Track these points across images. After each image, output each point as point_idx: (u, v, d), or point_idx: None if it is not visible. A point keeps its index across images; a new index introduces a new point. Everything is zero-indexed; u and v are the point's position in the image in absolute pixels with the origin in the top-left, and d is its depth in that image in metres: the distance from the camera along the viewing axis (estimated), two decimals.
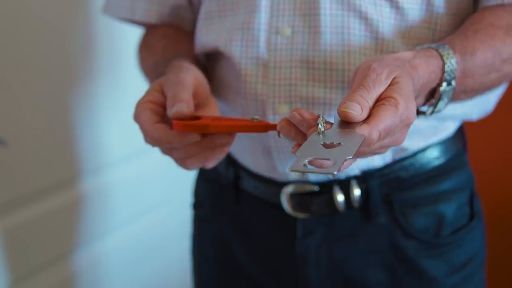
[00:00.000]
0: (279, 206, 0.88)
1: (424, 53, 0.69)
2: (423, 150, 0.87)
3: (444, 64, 0.69)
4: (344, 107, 0.58)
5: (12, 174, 1.20)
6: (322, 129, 0.58)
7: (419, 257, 0.87)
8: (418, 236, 0.87)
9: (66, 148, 1.31)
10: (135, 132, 1.42)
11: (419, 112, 0.74)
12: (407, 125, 0.62)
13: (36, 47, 1.19)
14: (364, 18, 0.78)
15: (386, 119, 0.58)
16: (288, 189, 0.87)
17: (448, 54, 0.70)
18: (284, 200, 0.87)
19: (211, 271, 1.03)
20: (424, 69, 0.67)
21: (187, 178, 1.27)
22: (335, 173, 0.52)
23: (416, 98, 0.68)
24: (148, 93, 0.74)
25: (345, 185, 0.85)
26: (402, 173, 0.85)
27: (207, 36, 0.87)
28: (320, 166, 0.55)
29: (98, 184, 1.40)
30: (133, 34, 1.07)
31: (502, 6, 0.78)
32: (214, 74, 0.91)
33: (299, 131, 0.62)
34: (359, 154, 0.62)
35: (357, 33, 0.78)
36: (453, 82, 0.71)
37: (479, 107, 0.89)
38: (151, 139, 0.72)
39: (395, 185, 0.86)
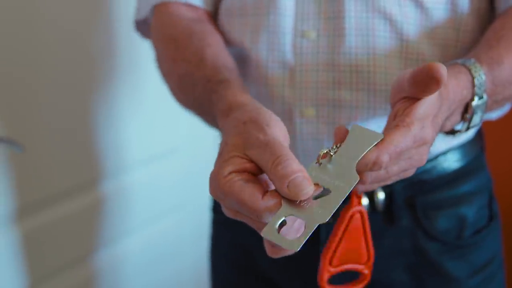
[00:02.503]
0: None
1: (452, 69, 0.68)
2: (444, 153, 0.87)
3: (473, 78, 0.69)
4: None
5: (33, 177, 1.20)
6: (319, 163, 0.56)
7: (442, 259, 0.88)
8: (441, 237, 0.87)
9: (86, 151, 1.32)
10: (154, 136, 1.44)
11: (455, 132, 0.74)
12: (423, 144, 0.60)
13: (55, 50, 1.19)
14: (388, 19, 0.78)
15: (397, 141, 0.57)
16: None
17: (476, 67, 0.69)
18: None
19: (230, 274, 1.03)
20: (455, 86, 0.66)
21: (204, 182, 1.27)
22: (298, 248, 0.49)
23: (450, 116, 0.68)
24: (227, 162, 0.57)
25: None
26: (425, 176, 0.85)
27: (229, 33, 0.86)
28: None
29: (117, 187, 1.41)
30: None
31: None
32: None
33: None
34: (378, 181, 0.61)
35: (382, 35, 0.78)
36: (485, 96, 0.70)
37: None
38: (267, 215, 0.54)
39: (418, 188, 0.86)
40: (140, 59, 1.28)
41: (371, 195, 0.85)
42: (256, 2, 0.83)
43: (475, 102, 0.69)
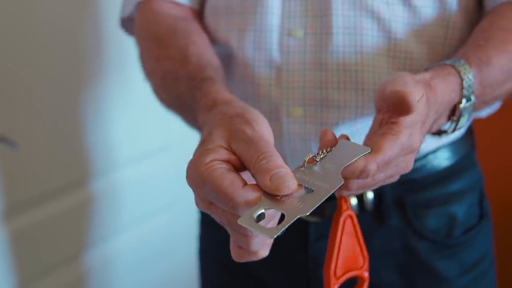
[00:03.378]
0: None
1: (442, 71, 0.67)
2: (434, 151, 0.86)
3: (462, 80, 0.68)
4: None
5: (22, 176, 1.20)
6: (305, 165, 0.56)
7: (432, 258, 0.87)
8: (430, 236, 0.87)
9: (76, 149, 1.31)
10: (145, 133, 1.44)
11: (441, 132, 0.73)
12: (411, 152, 0.60)
13: (44, 49, 1.19)
14: (376, 18, 0.77)
15: (385, 150, 0.56)
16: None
17: (465, 69, 0.68)
18: None
19: (218, 274, 1.03)
20: (444, 89, 0.66)
21: None
22: (274, 237, 0.48)
23: (438, 119, 0.67)
24: (210, 150, 0.55)
25: None
26: (414, 174, 0.85)
27: (215, 32, 0.85)
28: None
29: (107, 185, 1.40)
30: None
31: (509, 4, 0.77)
32: None
33: None
34: (363, 187, 0.60)
35: (369, 34, 0.78)
36: (472, 98, 0.69)
37: None
38: (244, 207, 0.52)
39: (407, 186, 0.85)
40: (130, 56, 1.27)
41: (360, 195, 0.84)
42: (243, 1, 0.82)
43: (463, 104, 0.69)
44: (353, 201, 0.84)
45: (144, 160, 1.48)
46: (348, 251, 0.64)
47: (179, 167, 1.57)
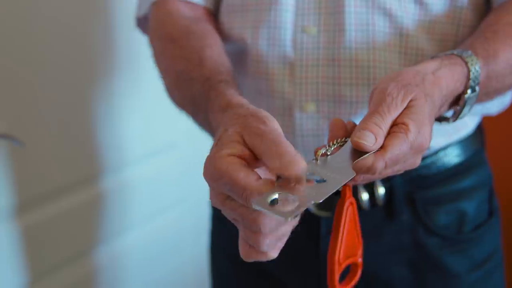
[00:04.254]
0: None
1: (448, 61, 0.68)
2: (444, 148, 0.87)
3: (469, 71, 0.68)
4: (357, 137, 0.56)
5: (33, 173, 1.20)
6: (317, 158, 0.57)
7: (442, 254, 0.88)
8: (440, 232, 0.87)
9: (86, 146, 1.32)
10: (154, 131, 1.44)
11: (442, 119, 0.73)
12: (420, 151, 0.60)
13: (55, 47, 1.19)
14: (388, 14, 0.78)
15: (394, 148, 0.57)
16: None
17: (472, 60, 0.68)
18: None
19: (229, 268, 1.03)
20: (449, 79, 0.66)
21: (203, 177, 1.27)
22: (289, 219, 0.49)
23: (440, 107, 0.67)
24: (226, 144, 0.57)
25: (369, 184, 0.85)
26: (425, 171, 0.86)
27: (230, 29, 0.86)
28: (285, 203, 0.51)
29: (117, 182, 1.41)
30: None
31: None
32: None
33: None
34: (369, 179, 0.62)
35: (381, 30, 0.78)
36: (477, 88, 0.70)
37: (497, 101, 0.90)
38: (257, 195, 0.53)
39: (418, 183, 0.86)
40: (140, 55, 1.28)
41: (371, 190, 0.85)
42: None
43: (468, 94, 0.69)
44: (365, 196, 0.85)
45: (154, 158, 1.49)
46: (349, 238, 0.65)
47: (188, 164, 1.59)
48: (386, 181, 0.85)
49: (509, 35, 0.74)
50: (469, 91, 0.69)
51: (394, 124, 0.59)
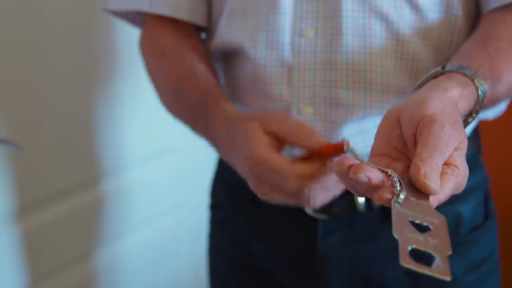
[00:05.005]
0: (299, 207, 0.89)
1: (467, 90, 0.65)
2: None
3: (478, 97, 0.67)
4: (425, 178, 0.52)
5: (32, 176, 1.21)
6: (401, 197, 0.53)
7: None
8: None
9: (85, 150, 1.32)
10: (153, 134, 1.45)
11: None
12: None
13: (54, 49, 1.20)
14: (385, 19, 0.79)
15: (448, 191, 0.55)
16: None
17: (482, 85, 0.67)
18: None
19: (228, 271, 1.04)
20: (466, 108, 0.66)
21: (203, 180, 1.28)
22: (449, 279, 0.48)
23: None
24: (255, 137, 0.69)
25: None
26: None
27: (229, 34, 0.87)
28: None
29: (116, 186, 1.41)
30: None
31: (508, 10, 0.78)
32: (227, 74, 0.91)
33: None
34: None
35: (378, 35, 0.79)
36: (480, 110, 0.69)
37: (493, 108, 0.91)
38: (293, 180, 0.66)
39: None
40: (139, 59, 1.28)
41: None
42: (257, 2, 0.84)
43: (472, 118, 0.69)
44: (361, 199, 0.85)
45: (153, 161, 1.49)
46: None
47: (187, 168, 1.60)
48: None
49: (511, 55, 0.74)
50: (474, 114, 0.68)
51: (445, 163, 0.56)
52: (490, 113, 0.91)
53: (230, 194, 1.01)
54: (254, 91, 0.86)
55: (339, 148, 0.65)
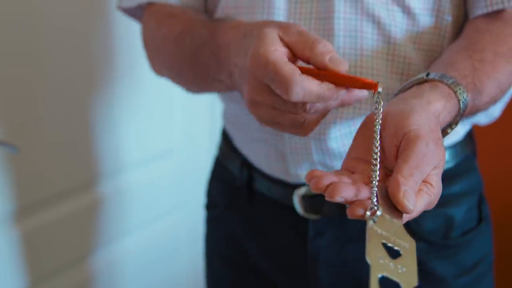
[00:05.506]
0: (291, 207, 0.90)
1: (449, 103, 0.65)
2: None
3: (459, 109, 0.67)
4: (404, 197, 0.53)
5: (30, 178, 1.21)
6: (377, 214, 0.53)
7: (428, 259, 0.89)
8: (427, 237, 0.88)
9: (83, 152, 1.33)
10: (151, 137, 1.46)
11: None
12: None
13: (52, 51, 1.20)
14: (377, 22, 0.80)
15: (420, 209, 0.55)
16: (300, 191, 0.88)
17: (464, 98, 0.67)
18: (296, 201, 0.89)
19: (223, 270, 1.05)
20: (447, 122, 0.66)
21: (200, 183, 1.28)
22: None
23: None
24: (269, 40, 0.62)
25: None
26: None
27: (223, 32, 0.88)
28: None
29: (114, 188, 1.42)
30: None
31: (498, 13, 0.78)
32: None
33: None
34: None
35: (369, 37, 0.80)
36: (459, 122, 0.69)
37: (486, 114, 0.91)
38: (298, 90, 0.58)
39: None
40: (138, 60, 1.29)
41: None
42: (251, 2, 0.85)
43: (451, 129, 0.69)
44: None
45: (151, 163, 1.50)
46: None
47: (185, 170, 1.60)
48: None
49: (495, 67, 0.74)
50: (454, 125, 0.69)
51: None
52: (483, 120, 0.92)
53: (225, 193, 1.01)
54: None
55: (368, 87, 0.59)
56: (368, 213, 0.53)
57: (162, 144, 1.53)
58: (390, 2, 0.80)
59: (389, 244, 0.52)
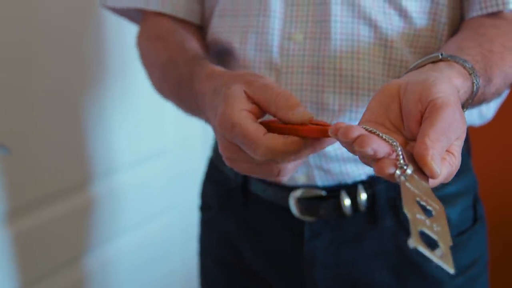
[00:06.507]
0: (287, 209, 0.90)
1: (466, 83, 0.64)
2: None
3: (473, 93, 0.66)
4: (432, 160, 0.51)
5: (23, 179, 1.21)
6: (408, 172, 0.51)
7: (424, 259, 0.88)
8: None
9: (76, 153, 1.32)
10: (144, 137, 1.46)
11: None
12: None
13: (45, 52, 1.20)
14: (373, 26, 0.79)
15: (444, 176, 0.53)
16: (296, 194, 0.88)
17: (477, 82, 0.66)
18: (292, 204, 0.88)
19: (218, 272, 1.04)
20: (462, 100, 0.65)
21: (193, 183, 1.28)
22: (452, 272, 0.47)
23: None
24: (235, 100, 0.63)
25: (352, 190, 0.86)
26: None
27: (220, 33, 0.88)
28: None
29: (107, 189, 1.41)
30: None
31: (499, 13, 0.78)
32: None
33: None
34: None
35: (366, 40, 0.80)
36: (468, 107, 0.68)
37: (479, 114, 0.91)
38: (264, 151, 0.59)
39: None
40: (130, 61, 1.29)
41: (353, 196, 0.86)
42: (247, 3, 0.85)
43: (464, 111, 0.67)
44: (347, 202, 0.86)
45: (144, 164, 1.49)
46: None
47: (177, 171, 1.60)
48: (369, 187, 0.86)
49: (503, 59, 0.73)
50: (464, 109, 0.67)
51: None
52: (477, 121, 0.92)
53: (219, 195, 1.01)
54: None
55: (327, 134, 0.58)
56: (398, 172, 0.51)
57: (156, 144, 1.53)
58: (387, 6, 0.80)
59: (422, 203, 0.51)
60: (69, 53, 1.26)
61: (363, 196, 0.86)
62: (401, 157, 0.51)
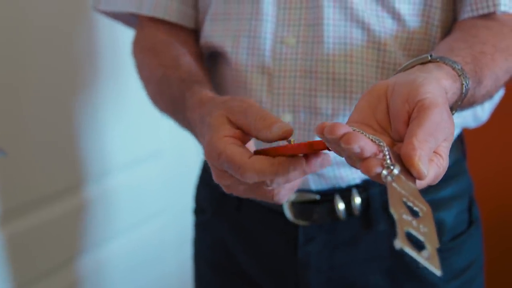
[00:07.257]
0: (280, 213, 0.89)
1: (455, 84, 0.64)
2: None
3: (461, 94, 0.65)
4: (419, 161, 0.50)
5: (16, 181, 1.20)
6: (394, 172, 0.50)
7: (418, 263, 0.88)
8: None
9: (70, 155, 1.32)
10: (137, 139, 1.45)
11: None
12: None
13: (38, 54, 1.19)
14: (366, 29, 0.79)
15: (431, 177, 0.53)
16: (290, 198, 0.88)
17: (467, 84, 0.65)
18: (286, 208, 0.88)
19: (212, 275, 1.04)
20: (451, 103, 0.64)
21: (187, 185, 1.28)
22: (439, 273, 0.47)
23: None
24: (218, 128, 0.63)
25: (346, 194, 0.86)
26: None
27: (212, 37, 0.87)
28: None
29: (101, 191, 1.41)
30: None
31: (491, 15, 0.78)
32: (213, 77, 0.91)
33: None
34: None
35: (359, 44, 0.79)
36: (456, 109, 0.68)
37: (474, 116, 0.91)
38: (252, 174, 0.59)
39: None
40: (123, 63, 1.28)
41: (347, 200, 0.86)
42: (240, 7, 0.84)
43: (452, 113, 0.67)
44: (341, 206, 0.86)
45: (137, 166, 1.49)
46: None
47: (171, 173, 1.60)
48: (363, 191, 0.86)
49: (494, 61, 0.73)
50: (453, 111, 0.67)
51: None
52: (472, 123, 0.91)
53: (212, 199, 1.01)
54: (236, 95, 0.85)
55: (317, 147, 0.57)
56: (384, 172, 0.51)
57: (150, 146, 1.53)
58: (380, 9, 0.79)
59: (409, 204, 0.50)
60: (62, 54, 1.25)
61: (357, 200, 0.85)
62: (387, 157, 0.51)
